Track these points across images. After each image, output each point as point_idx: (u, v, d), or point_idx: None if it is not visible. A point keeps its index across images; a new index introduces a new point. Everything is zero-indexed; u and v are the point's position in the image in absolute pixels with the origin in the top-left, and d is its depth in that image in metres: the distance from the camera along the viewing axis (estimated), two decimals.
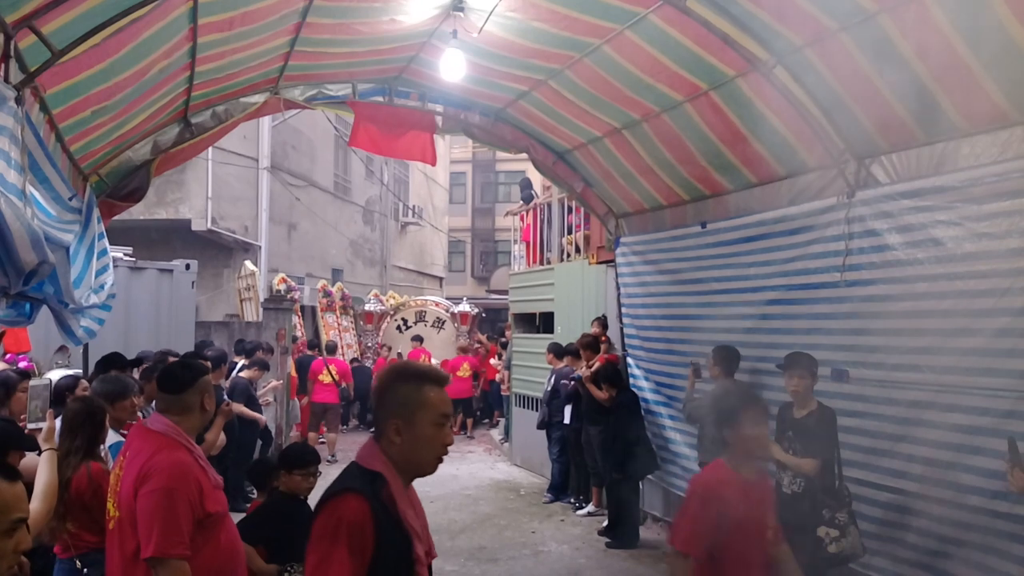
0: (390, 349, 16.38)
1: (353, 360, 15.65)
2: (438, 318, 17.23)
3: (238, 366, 9.28)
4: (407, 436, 2.20)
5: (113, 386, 4.40)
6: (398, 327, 17.20)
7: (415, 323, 17.33)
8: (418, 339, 15.99)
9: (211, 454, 5.07)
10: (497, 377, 14.71)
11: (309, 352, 13.99)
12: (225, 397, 7.30)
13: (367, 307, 17.53)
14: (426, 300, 18.60)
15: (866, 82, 4.51)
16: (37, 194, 3.41)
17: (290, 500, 4.23)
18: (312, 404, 12.39)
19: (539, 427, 10.00)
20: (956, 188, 4.36)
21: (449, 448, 2.28)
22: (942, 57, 4.01)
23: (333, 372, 12.41)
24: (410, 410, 2.21)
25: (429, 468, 2.28)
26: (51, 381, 4.07)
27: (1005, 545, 4.17)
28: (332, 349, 13.83)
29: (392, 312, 17.66)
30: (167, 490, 2.75)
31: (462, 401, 14.69)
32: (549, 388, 9.66)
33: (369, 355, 17.13)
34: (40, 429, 3.60)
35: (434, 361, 14.57)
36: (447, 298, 20.64)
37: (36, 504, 3.13)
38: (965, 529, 4.40)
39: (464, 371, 14.84)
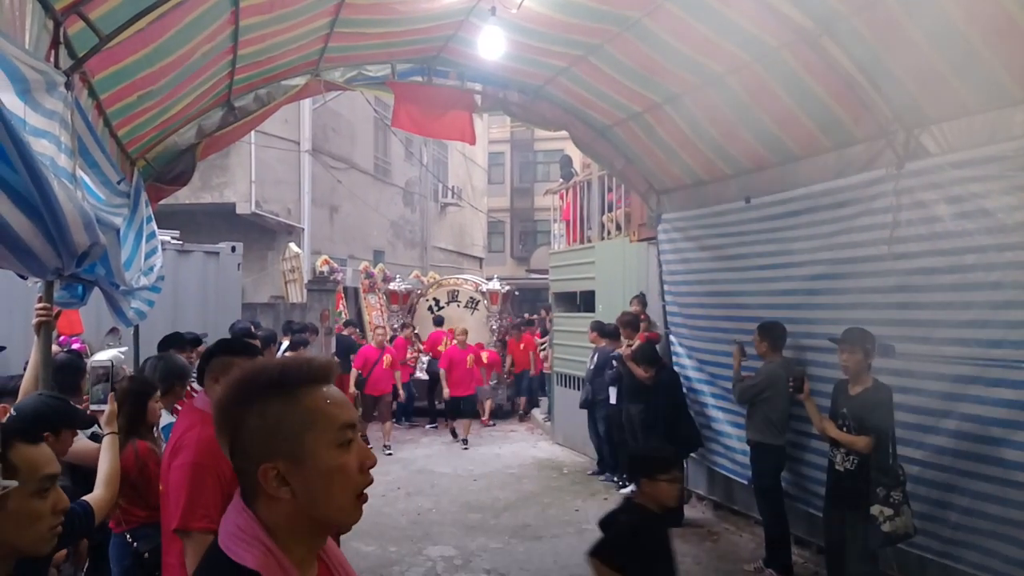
0: (413, 330, 14.96)
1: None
2: (471, 298, 15.59)
3: (283, 346, 9.43)
4: (300, 481, 1.34)
5: (167, 365, 4.44)
6: (430, 308, 15.68)
7: (448, 303, 15.68)
8: (439, 321, 14.67)
9: None
10: (541, 355, 14.34)
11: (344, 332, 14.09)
12: None
13: (392, 286, 15.86)
14: (461, 279, 16.79)
15: (915, 49, 4.37)
16: (87, 178, 3.47)
17: (654, 515, 3.62)
18: None
19: (582, 406, 10.01)
20: (1009, 157, 4.23)
21: (372, 470, 1.42)
22: (994, 21, 3.88)
23: None
24: (293, 438, 1.35)
25: (351, 515, 1.40)
26: (112, 363, 4.11)
27: None
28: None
29: (423, 291, 16.10)
30: (194, 464, 2.79)
31: (379, 399, 11.81)
32: (592, 367, 9.65)
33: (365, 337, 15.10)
34: (102, 411, 3.62)
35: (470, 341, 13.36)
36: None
37: (100, 491, 3.15)
38: (1012, 507, 4.32)
39: (386, 362, 11.83)
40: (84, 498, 3.02)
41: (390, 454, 11.25)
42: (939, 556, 4.83)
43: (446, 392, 12.65)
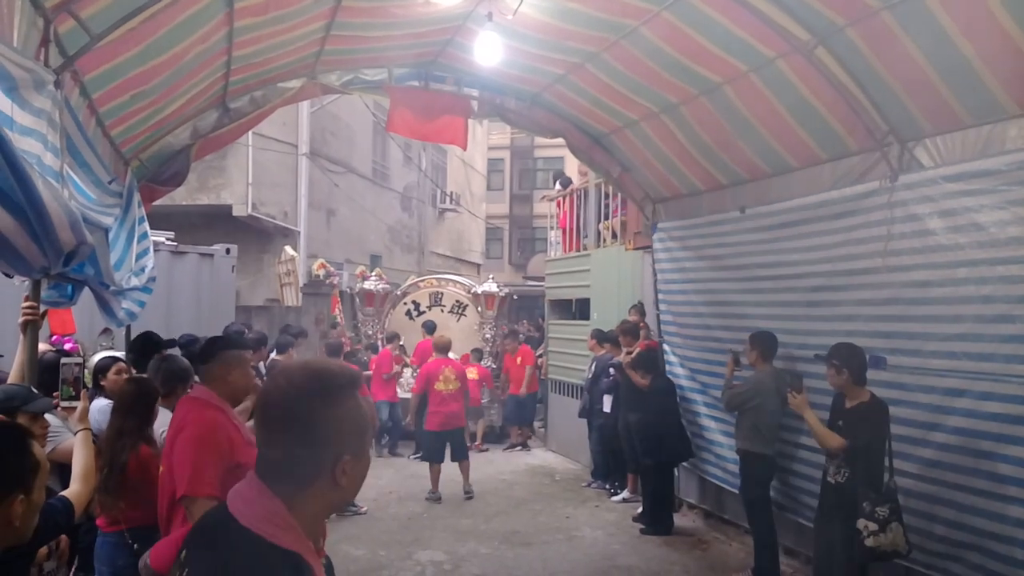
0: (399, 341, 12.67)
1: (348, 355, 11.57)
2: (458, 302, 13.73)
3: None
4: (354, 473, 1.51)
5: (169, 367, 4.45)
6: (408, 312, 13.80)
7: (429, 307, 13.75)
8: (431, 328, 12.16)
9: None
10: (538, 361, 13.05)
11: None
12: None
13: (366, 285, 13.95)
14: (445, 279, 14.70)
15: (910, 62, 4.38)
16: (76, 178, 3.47)
17: None
18: None
19: (581, 415, 9.93)
20: (1002, 172, 4.24)
21: None
22: (989, 35, 3.90)
23: None
24: (360, 436, 1.54)
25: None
26: (83, 360, 4.11)
27: None
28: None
29: (401, 293, 14.13)
30: (197, 438, 3.10)
31: None
32: (590, 375, 9.61)
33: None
34: (74, 408, 3.66)
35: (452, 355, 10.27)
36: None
37: (77, 486, 3.15)
38: (998, 520, 4.32)
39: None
40: (62, 493, 3.02)
41: None
42: (925, 568, 4.82)
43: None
